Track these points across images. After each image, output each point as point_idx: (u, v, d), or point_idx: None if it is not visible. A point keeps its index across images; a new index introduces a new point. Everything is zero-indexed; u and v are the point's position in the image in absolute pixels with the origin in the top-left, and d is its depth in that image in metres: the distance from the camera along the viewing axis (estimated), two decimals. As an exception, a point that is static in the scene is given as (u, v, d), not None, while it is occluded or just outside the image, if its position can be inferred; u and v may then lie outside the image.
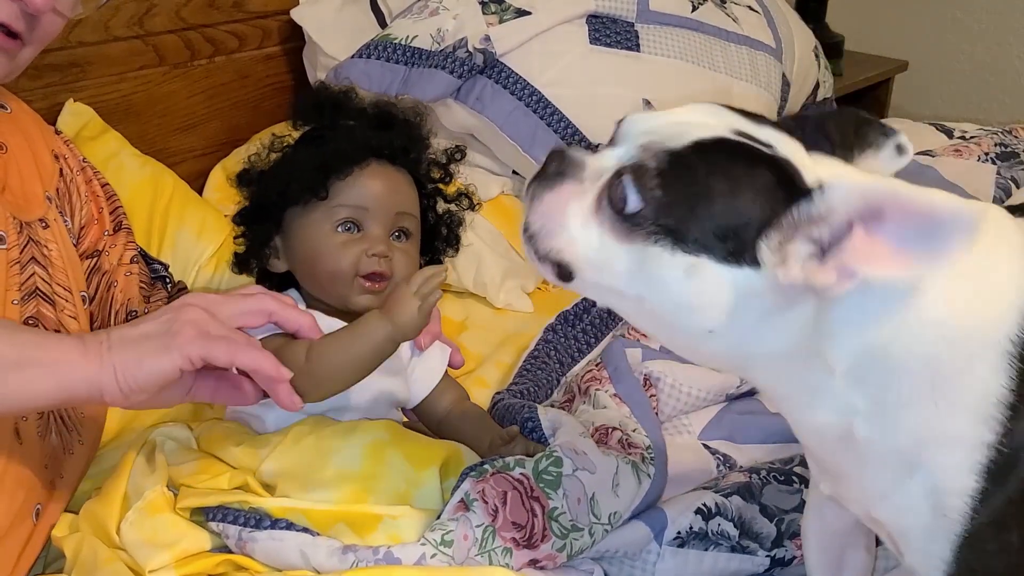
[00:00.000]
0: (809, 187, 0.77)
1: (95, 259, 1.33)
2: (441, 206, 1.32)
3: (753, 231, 0.78)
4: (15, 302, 1.12)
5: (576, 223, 0.84)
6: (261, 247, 1.25)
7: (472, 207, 1.34)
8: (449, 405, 1.28)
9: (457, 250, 1.34)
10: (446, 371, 1.30)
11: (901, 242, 0.73)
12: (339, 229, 1.19)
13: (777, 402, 0.90)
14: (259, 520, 1.06)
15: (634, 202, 0.80)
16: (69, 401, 1.05)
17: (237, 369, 1.03)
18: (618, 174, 0.82)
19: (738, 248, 0.78)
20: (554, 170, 0.87)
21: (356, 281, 1.18)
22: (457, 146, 1.34)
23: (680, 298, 0.80)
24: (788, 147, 0.82)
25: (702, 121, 0.83)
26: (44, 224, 1.21)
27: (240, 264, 1.27)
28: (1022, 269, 0.83)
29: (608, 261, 0.82)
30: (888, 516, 0.88)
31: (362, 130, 1.24)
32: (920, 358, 0.80)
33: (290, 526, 1.06)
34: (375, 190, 1.21)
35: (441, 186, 1.31)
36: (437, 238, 1.31)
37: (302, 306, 1.20)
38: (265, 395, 1.04)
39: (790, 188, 0.78)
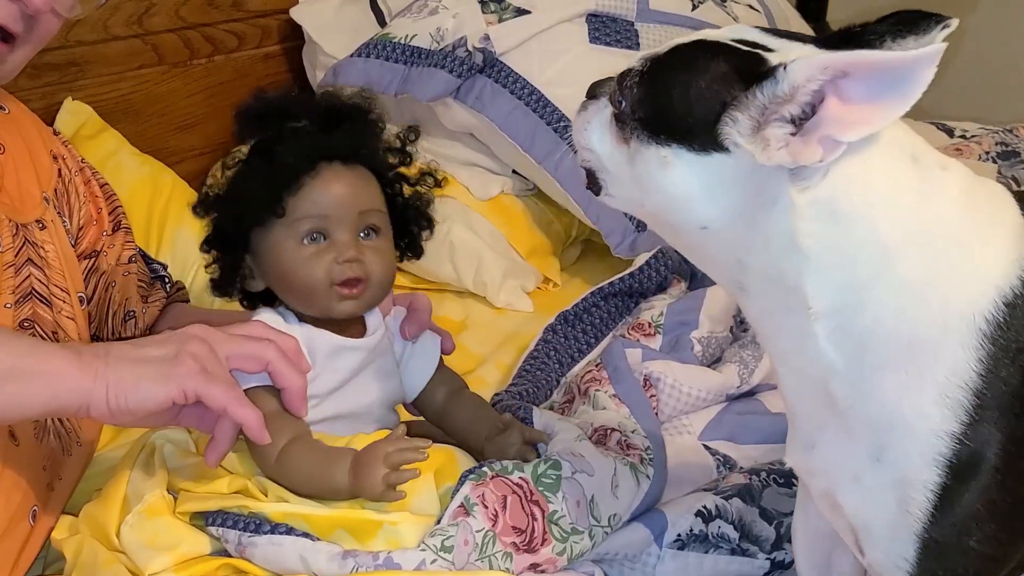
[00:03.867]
0: (771, 70, 0.79)
1: (93, 259, 1.32)
2: (406, 190, 1.29)
3: (714, 117, 0.81)
4: (8, 306, 1.12)
5: (596, 136, 0.91)
6: (234, 271, 1.22)
7: (437, 184, 1.30)
8: (446, 395, 1.27)
9: (432, 231, 1.31)
10: (441, 361, 1.29)
11: (874, 96, 0.76)
12: (305, 241, 1.16)
13: (768, 345, 0.92)
14: (259, 525, 1.05)
15: (622, 103, 0.87)
16: (58, 412, 1.07)
17: None
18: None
19: (703, 136, 0.81)
20: (593, 91, 0.95)
21: (333, 290, 1.16)
22: (410, 127, 1.30)
23: (662, 192, 0.85)
24: (792, 49, 0.83)
25: (710, 34, 0.87)
26: (41, 225, 1.21)
27: (218, 289, 1.25)
28: (1011, 250, 0.83)
29: (615, 165, 0.90)
30: (853, 504, 0.87)
31: (306, 137, 1.19)
32: (896, 314, 0.81)
33: (290, 531, 1.05)
34: (332, 196, 1.17)
35: (403, 170, 1.29)
36: (410, 222, 1.29)
37: (295, 323, 1.19)
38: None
39: (753, 76, 0.80)
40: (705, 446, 1.37)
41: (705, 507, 1.17)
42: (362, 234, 1.19)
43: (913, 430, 0.82)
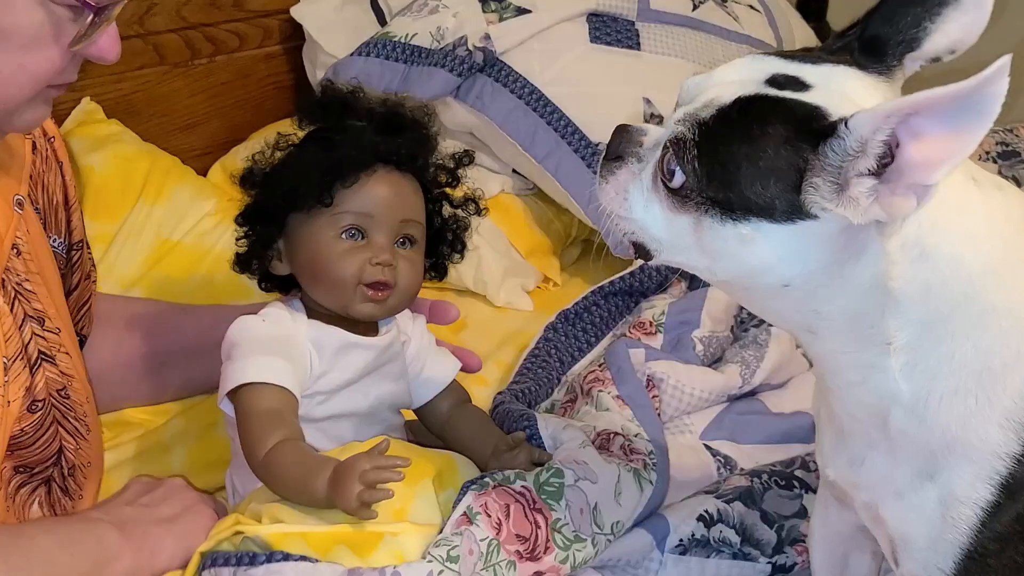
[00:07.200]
0: (832, 126, 0.77)
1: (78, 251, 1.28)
2: (447, 210, 1.30)
3: (793, 187, 0.78)
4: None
5: (639, 206, 0.88)
6: (264, 249, 1.23)
7: (479, 212, 1.33)
8: (450, 409, 1.28)
9: (462, 255, 1.34)
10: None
11: (951, 126, 0.72)
12: (343, 236, 1.17)
13: (829, 376, 0.90)
14: (253, 557, 1.02)
15: (679, 177, 0.83)
16: None
17: None
18: (665, 149, 0.84)
19: (785, 207, 0.79)
20: (615, 151, 0.90)
21: (359, 289, 1.17)
22: (466, 150, 1.32)
23: (744, 263, 0.83)
24: (830, 79, 0.82)
25: (737, 78, 0.84)
26: (16, 251, 1.10)
27: (242, 264, 1.26)
28: None
29: (673, 236, 0.86)
30: (896, 517, 0.88)
31: (369, 135, 1.21)
32: (975, 344, 0.81)
33: (287, 557, 1.01)
34: (381, 197, 1.19)
35: (448, 190, 1.30)
36: (442, 242, 1.30)
37: (303, 319, 1.20)
38: None
39: (815, 133, 0.78)
40: (706, 446, 1.38)
41: (707, 511, 1.18)
42: (399, 242, 1.20)
43: (975, 452, 0.82)
